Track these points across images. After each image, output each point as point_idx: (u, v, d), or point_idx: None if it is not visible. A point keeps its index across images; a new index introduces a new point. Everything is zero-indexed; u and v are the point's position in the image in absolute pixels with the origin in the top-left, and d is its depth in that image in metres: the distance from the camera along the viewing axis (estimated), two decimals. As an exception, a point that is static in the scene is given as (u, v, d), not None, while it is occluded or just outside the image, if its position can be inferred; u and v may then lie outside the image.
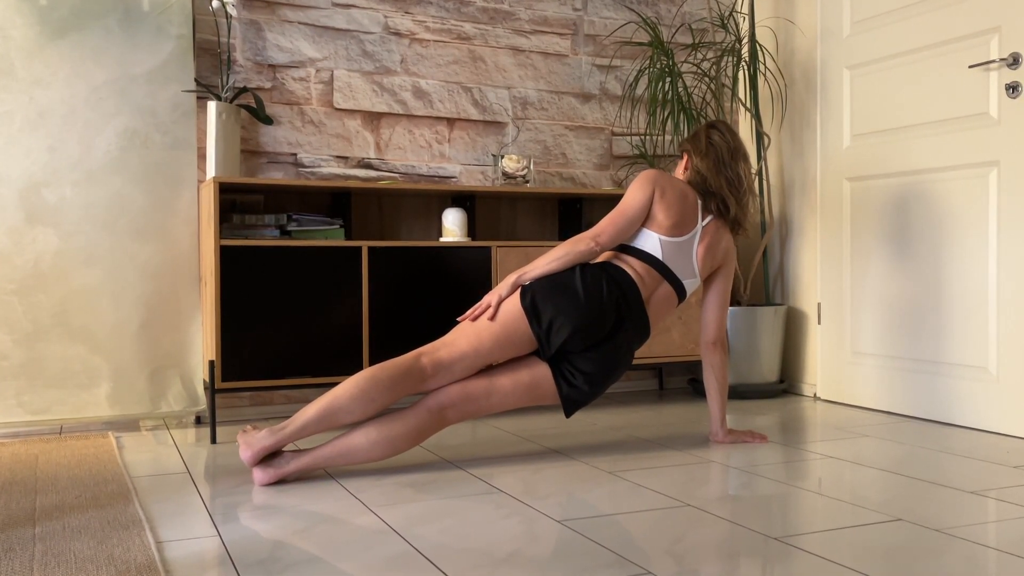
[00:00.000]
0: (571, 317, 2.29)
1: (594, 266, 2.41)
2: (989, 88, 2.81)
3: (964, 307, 2.91)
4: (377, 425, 2.24)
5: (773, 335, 3.52)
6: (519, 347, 2.34)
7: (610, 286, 2.36)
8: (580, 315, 2.30)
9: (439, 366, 2.28)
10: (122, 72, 2.95)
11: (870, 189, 3.27)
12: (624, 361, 2.41)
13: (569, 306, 2.30)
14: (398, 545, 1.71)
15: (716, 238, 2.54)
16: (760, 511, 1.92)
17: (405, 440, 2.26)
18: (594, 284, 2.35)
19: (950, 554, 1.63)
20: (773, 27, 3.75)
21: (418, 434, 2.28)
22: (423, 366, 2.26)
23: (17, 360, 2.83)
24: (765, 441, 2.67)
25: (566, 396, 2.36)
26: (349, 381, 2.23)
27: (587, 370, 2.34)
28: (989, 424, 2.83)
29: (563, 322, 2.29)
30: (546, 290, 2.33)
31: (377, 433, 2.23)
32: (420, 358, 2.27)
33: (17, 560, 1.62)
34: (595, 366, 2.34)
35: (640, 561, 1.60)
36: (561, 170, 3.64)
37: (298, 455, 2.23)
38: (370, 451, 2.23)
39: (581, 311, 2.30)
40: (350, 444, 2.22)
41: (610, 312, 2.34)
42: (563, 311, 2.29)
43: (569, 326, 2.29)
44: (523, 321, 2.31)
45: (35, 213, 2.85)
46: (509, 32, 3.55)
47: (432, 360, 2.28)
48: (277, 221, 2.93)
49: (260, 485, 2.18)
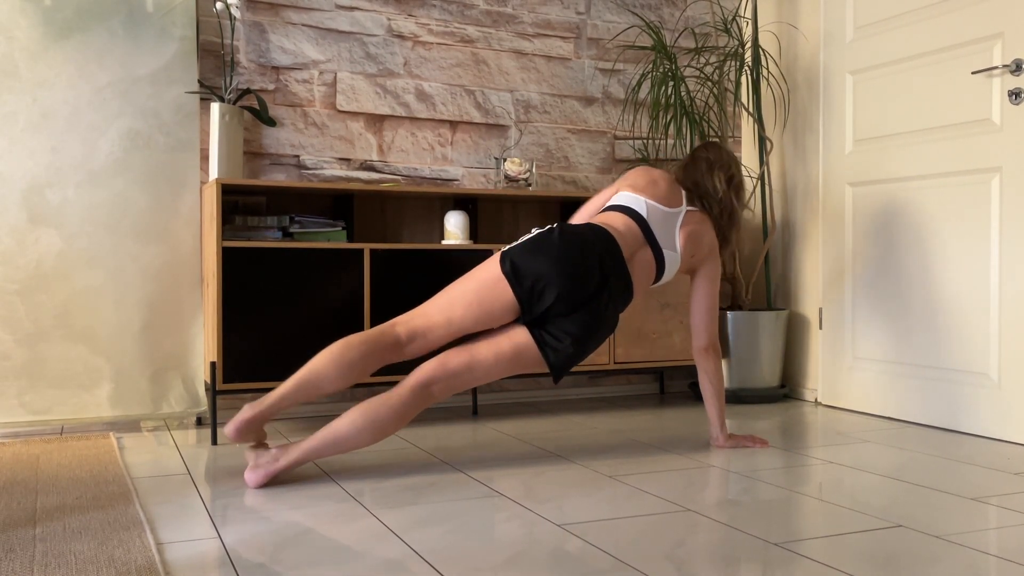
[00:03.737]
0: (554, 279, 2.26)
1: (573, 226, 2.41)
2: (992, 94, 2.81)
3: (966, 313, 2.91)
4: (361, 409, 2.22)
5: (774, 340, 3.52)
6: (497, 316, 2.30)
7: (590, 245, 2.34)
8: (563, 276, 2.26)
9: (414, 333, 2.30)
10: (125, 73, 2.96)
11: (872, 194, 3.27)
12: (608, 322, 2.37)
13: (551, 268, 2.27)
14: (398, 548, 1.71)
15: (700, 229, 2.58)
16: (760, 516, 1.92)
17: (391, 421, 2.22)
18: (574, 244, 2.32)
19: (951, 561, 1.63)
20: (776, 32, 3.76)
21: (403, 414, 2.24)
22: (398, 333, 2.29)
23: (19, 360, 2.83)
24: (766, 445, 2.66)
25: (553, 362, 2.31)
26: (324, 350, 2.26)
27: (572, 331, 2.29)
28: (990, 430, 2.82)
29: (546, 284, 2.26)
30: (526, 253, 2.31)
31: (362, 417, 2.20)
32: (395, 326, 2.31)
33: (18, 561, 1.62)
34: (580, 327, 2.29)
35: (639, 566, 1.60)
36: (563, 173, 3.65)
37: (285, 450, 2.22)
38: (357, 437, 2.21)
39: (564, 272, 2.27)
40: (336, 432, 2.21)
41: (594, 270, 2.30)
42: (545, 274, 2.26)
43: (554, 289, 2.25)
44: (501, 287, 2.28)
45: (38, 214, 2.86)
46: (512, 35, 3.55)
47: (407, 328, 2.30)
48: (279, 223, 2.94)
49: (252, 487, 2.18)
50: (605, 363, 3.24)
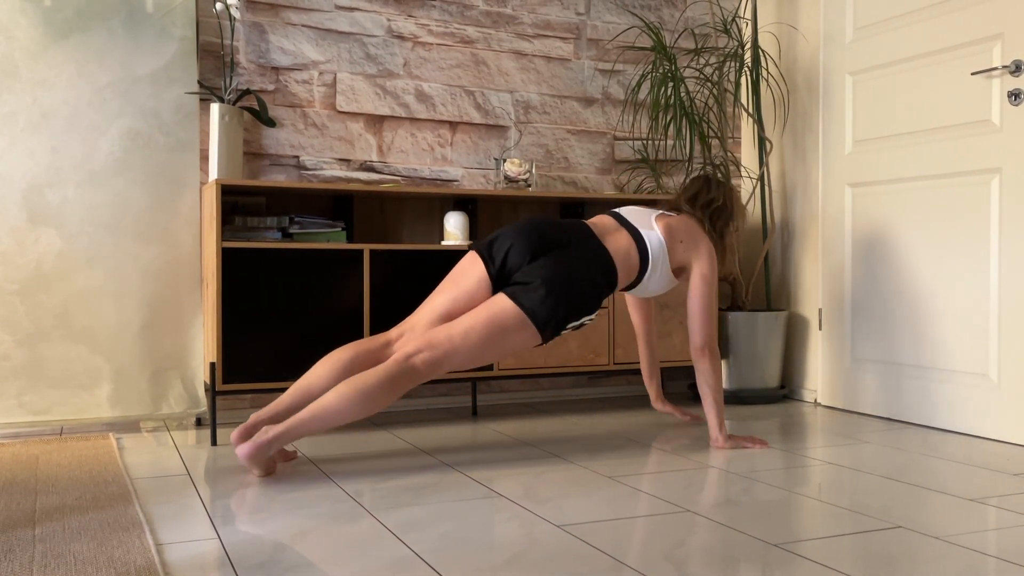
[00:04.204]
0: (511, 234, 2.48)
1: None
2: (991, 95, 2.81)
3: (965, 314, 2.91)
4: (347, 382, 2.24)
5: (774, 340, 3.52)
6: (471, 290, 2.46)
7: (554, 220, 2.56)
8: (521, 232, 2.47)
9: (402, 330, 2.49)
10: (125, 74, 2.96)
11: (872, 195, 3.27)
12: (582, 274, 2.44)
13: (511, 231, 2.50)
14: (397, 549, 1.71)
15: (676, 221, 2.67)
16: (760, 517, 1.92)
17: (378, 391, 2.23)
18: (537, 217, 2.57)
19: (950, 562, 1.63)
20: (776, 32, 3.76)
21: (390, 385, 2.25)
22: (388, 334, 2.49)
23: (18, 361, 2.83)
24: (765, 446, 2.67)
25: (528, 306, 2.36)
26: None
27: (539, 273, 2.40)
28: (989, 431, 2.83)
29: (506, 241, 2.47)
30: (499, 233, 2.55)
31: (349, 388, 2.23)
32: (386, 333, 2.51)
33: (17, 561, 1.62)
34: (546, 268, 2.41)
35: (639, 567, 1.60)
36: (563, 174, 3.65)
37: (274, 425, 2.25)
38: (345, 408, 2.22)
39: (522, 230, 2.48)
40: (324, 405, 2.22)
41: (556, 230, 2.51)
42: (507, 234, 2.49)
43: (508, 240, 2.46)
44: (469, 261, 2.49)
45: (38, 214, 2.86)
46: (512, 36, 3.55)
47: (398, 331, 2.49)
48: (279, 223, 2.94)
49: (242, 458, 2.21)
50: (605, 364, 3.24)
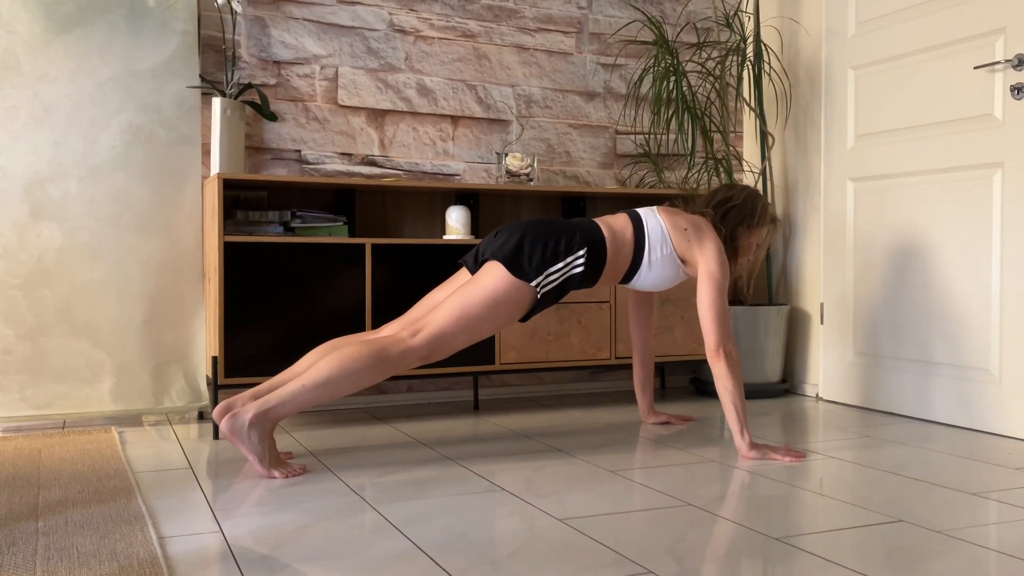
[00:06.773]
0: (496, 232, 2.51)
1: None
2: (994, 89, 2.81)
3: (967, 309, 2.90)
4: (333, 353, 2.26)
5: (776, 335, 3.52)
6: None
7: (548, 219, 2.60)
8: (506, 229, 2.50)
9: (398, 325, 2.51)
10: (127, 68, 2.96)
11: (874, 189, 3.26)
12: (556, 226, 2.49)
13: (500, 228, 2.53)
14: (399, 542, 1.71)
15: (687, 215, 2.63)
16: (761, 511, 1.93)
17: (365, 363, 2.24)
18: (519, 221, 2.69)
19: (951, 556, 1.63)
20: (778, 27, 3.75)
21: (377, 358, 2.25)
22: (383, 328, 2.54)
23: (21, 355, 2.83)
24: (802, 459, 2.42)
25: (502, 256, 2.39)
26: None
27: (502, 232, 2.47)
28: (991, 426, 2.83)
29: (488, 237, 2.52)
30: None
31: (335, 355, 2.24)
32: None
33: (20, 554, 1.63)
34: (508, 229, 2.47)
35: (641, 560, 1.60)
36: (565, 168, 3.64)
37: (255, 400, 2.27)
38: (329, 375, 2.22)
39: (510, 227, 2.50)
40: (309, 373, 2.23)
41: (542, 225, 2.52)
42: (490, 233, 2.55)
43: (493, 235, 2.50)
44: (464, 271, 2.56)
45: (40, 208, 2.86)
46: (514, 30, 3.55)
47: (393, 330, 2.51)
48: (281, 218, 2.94)
49: (224, 431, 2.21)
50: (606, 358, 3.24)
